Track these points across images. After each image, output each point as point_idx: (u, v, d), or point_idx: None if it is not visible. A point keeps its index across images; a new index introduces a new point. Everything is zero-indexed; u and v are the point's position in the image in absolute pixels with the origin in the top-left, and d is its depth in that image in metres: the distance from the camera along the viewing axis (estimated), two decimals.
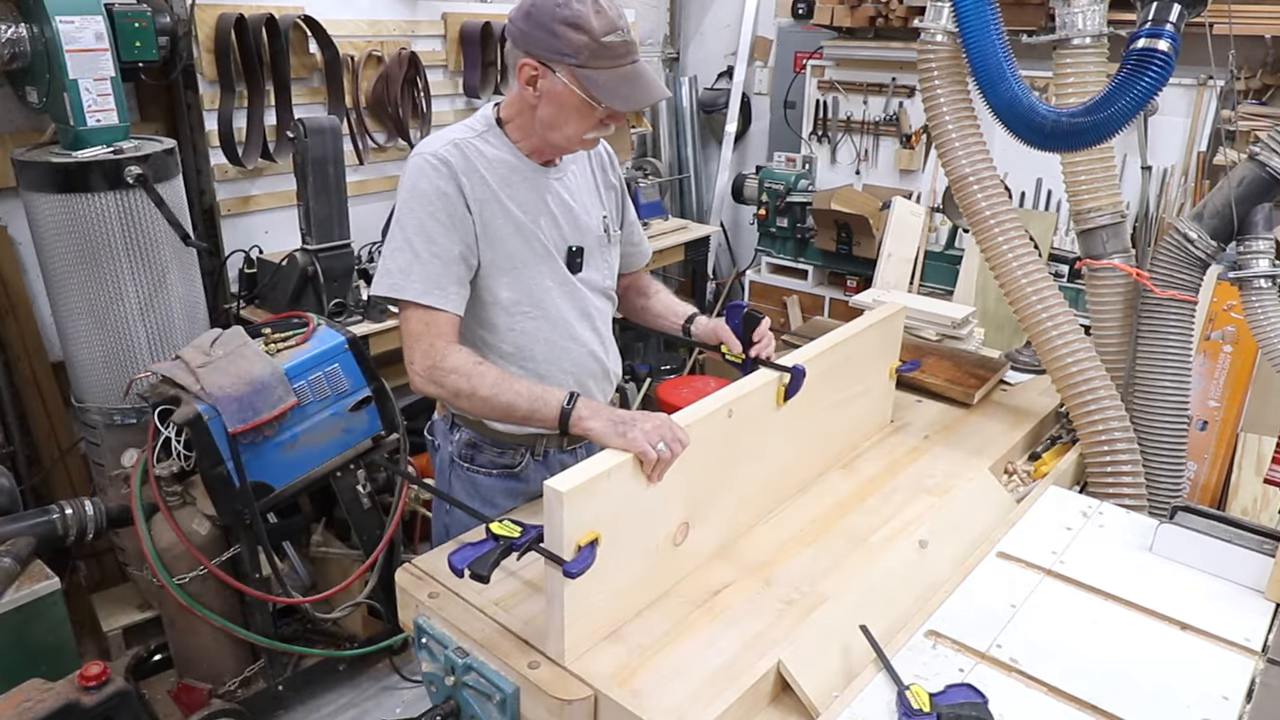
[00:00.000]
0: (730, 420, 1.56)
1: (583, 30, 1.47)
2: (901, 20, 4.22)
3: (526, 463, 1.80)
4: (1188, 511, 1.61)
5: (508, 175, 1.64)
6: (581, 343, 1.76)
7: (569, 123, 1.57)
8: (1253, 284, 1.89)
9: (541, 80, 1.53)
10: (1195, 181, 3.72)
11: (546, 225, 1.68)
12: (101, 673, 1.80)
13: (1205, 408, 3.28)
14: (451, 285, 1.58)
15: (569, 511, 1.25)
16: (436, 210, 1.57)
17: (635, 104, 1.57)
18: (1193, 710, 1.25)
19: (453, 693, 1.41)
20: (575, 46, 1.48)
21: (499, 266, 1.64)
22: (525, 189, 1.66)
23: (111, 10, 2.60)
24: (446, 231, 1.57)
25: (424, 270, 1.56)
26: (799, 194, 4.47)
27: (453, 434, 1.81)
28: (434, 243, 1.56)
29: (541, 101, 1.55)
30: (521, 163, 1.66)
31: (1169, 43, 1.73)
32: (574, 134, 1.59)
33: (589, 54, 1.48)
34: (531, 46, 1.51)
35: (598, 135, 1.62)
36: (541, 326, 1.70)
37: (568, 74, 1.51)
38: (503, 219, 1.63)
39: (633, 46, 1.53)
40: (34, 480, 2.98)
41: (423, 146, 1.62)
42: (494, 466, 1.80)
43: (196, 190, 3.11)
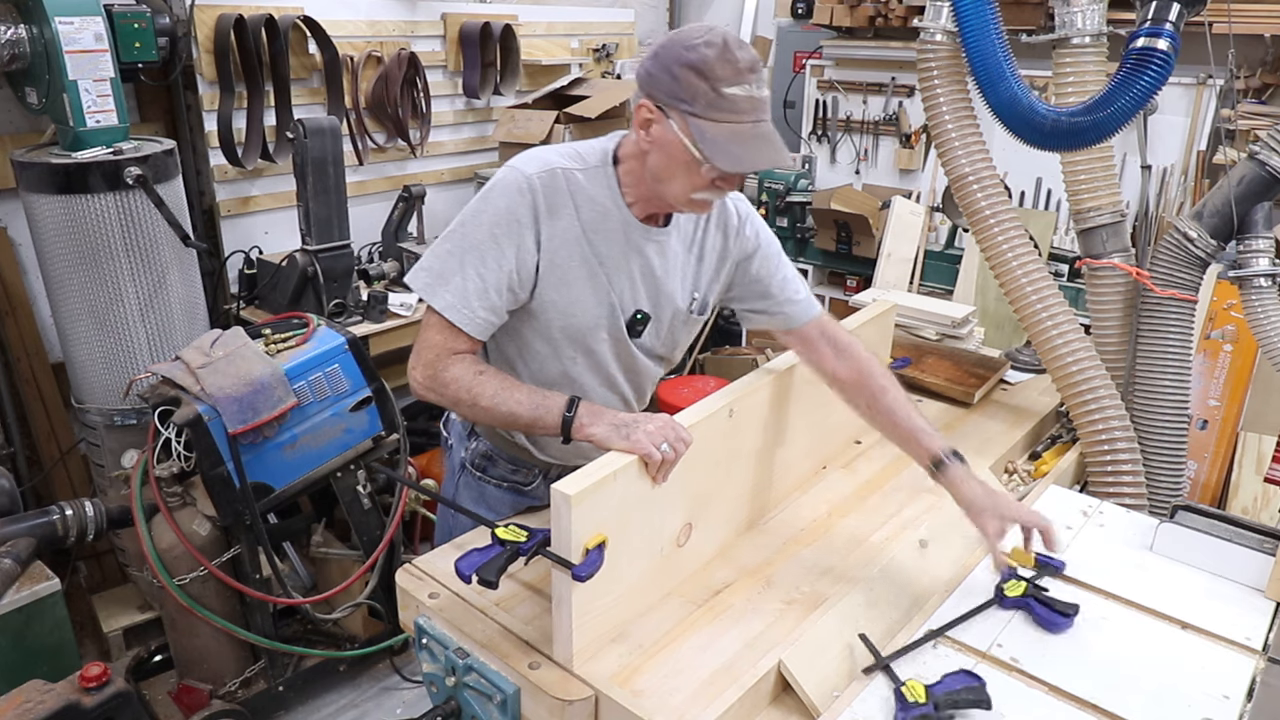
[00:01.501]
0: (731, 420, 1.56)
1: (705, 77, 1.34)
2: (901, 20, 4.22)
3: (539, 484, 1.76)
4: (1188, 510, 1.61)
5: (600, 220, 1.52)
6: (618, 392, 1.68)
7: (676, 177, 1.43)
8: (1253, 283, 1.89)
9: (655, 125, 1.41)
10: (1195, 180, 3.71)
11: (621, 284, 1.56)
12: (102, 674, 1.80)
13: (1205, 407, 3.28)
14: (481, 310, 1.48)
15: (577, 514, 1.25)
16: (500, 233, 1.47)
17: (744, 166, 1.40)
18: (1193, 709, 1.25)
19: (453, 693, 1.41)
20: (693, 93, 1.35)
21: (558, 307, 1.54)
22: (613, 241, 1.53)
23: (111, 11, 2.60)
24: (500, 256, 1.47)
25: (462, 284, 1.47)
26: (799, 194, 4.47)
27: (469, 440, 1.77)
28: (483, 263, 1.47)
29: (653, 149, 1.43)
30: (620, 211, 1.53)
31: (1168, 42, 1.73)
32: (680, 191, 1.45)
33: (705, 103, 1.35)
34: (652, 88, 1.40)
35: (707, 197, 1.46)
36: (582, 372, 1.62)
37: (681, 122, 1.37)
38: (578, 262, 1.52)
39: (760, 104, 1.38)
40: (34, 481, 2.98)
41: (520, 161, 1.51)
42: (505, 480, 1.76)
43: (196, 191, 3.11)
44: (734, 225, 1.66)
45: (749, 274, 1.69)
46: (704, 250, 1.64)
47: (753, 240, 1.67)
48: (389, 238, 3.52)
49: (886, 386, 1.64)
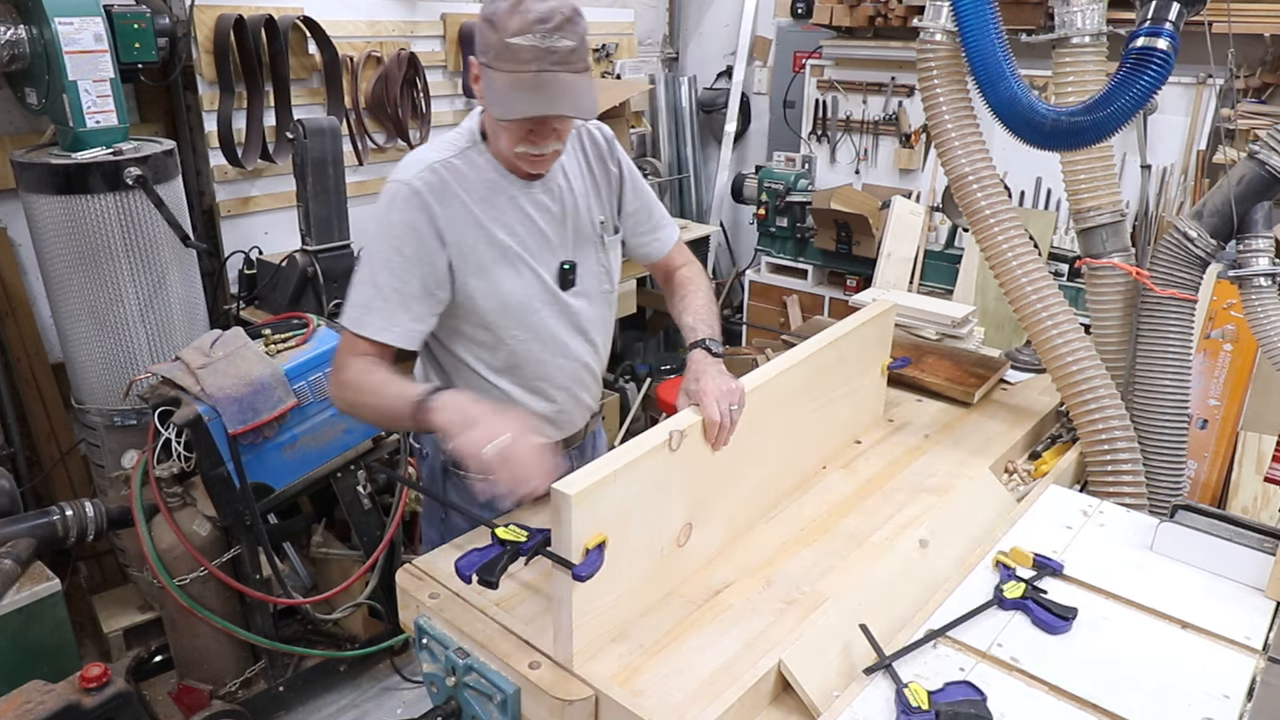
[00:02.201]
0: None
1: (495, 28, 1.37)
2: (900, 19, 4.22)
3: None
4: (1188, 510, 1.61)
5: (490, 196, 1.56)
6: (574, 357, 1.72)
7: (498, 132, 1.49)
8: (1252, 282, 1.89)
9: (482, 78, 1.45)
10: (1195, 180, 3.72)
11: (534, 245, 1.61)
12: (102, 674, 1.80)
13: (1205, 406, 3.28)
14: (406, 320, 1.54)
15: (577, 514, 1.25)
16: (403, 244, 1.51)
17: (515, 112, 1.41)
18: (1193, 709, 1.25)
19: (454, 693, 1.41)
20: (486, 44, 1.40)
21: (484, 292, 1.58)
22: (509, 208, 1.58)
23: (110, 11, 2.60)
24: (410, 266, 1.52)
25: (384, 305, 1.52)
26: (798, 193, 4.47)
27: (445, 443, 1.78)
28: (395, 277, 1.52)
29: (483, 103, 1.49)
30: (504, 178, 1.57)
31: (1168, 41, 1.73)
32: (506, 147, 1.50)
33: (494, 54, 1.39)
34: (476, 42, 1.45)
35: (526, 151, 1.49)
36: (532, 348, 1.66)
37: (483, 74, 1.44)
38: (485, 245, 1.57)
39: (547, 54, 1.37)
40: (34, 482, 2.98)
41: (399, 171, 1.55)
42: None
43: (196, 191, 3.12)
44: (604, 149, 1.73)
45: (628, 193, 1.77)
46: (595, 178, 1.72)
47: (620, 161, 1.76)
48: None
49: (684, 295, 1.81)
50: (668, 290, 1.89)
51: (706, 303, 1.79)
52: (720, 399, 1.49)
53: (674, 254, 1.89)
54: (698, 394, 1.51)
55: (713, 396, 1.49)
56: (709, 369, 1.57)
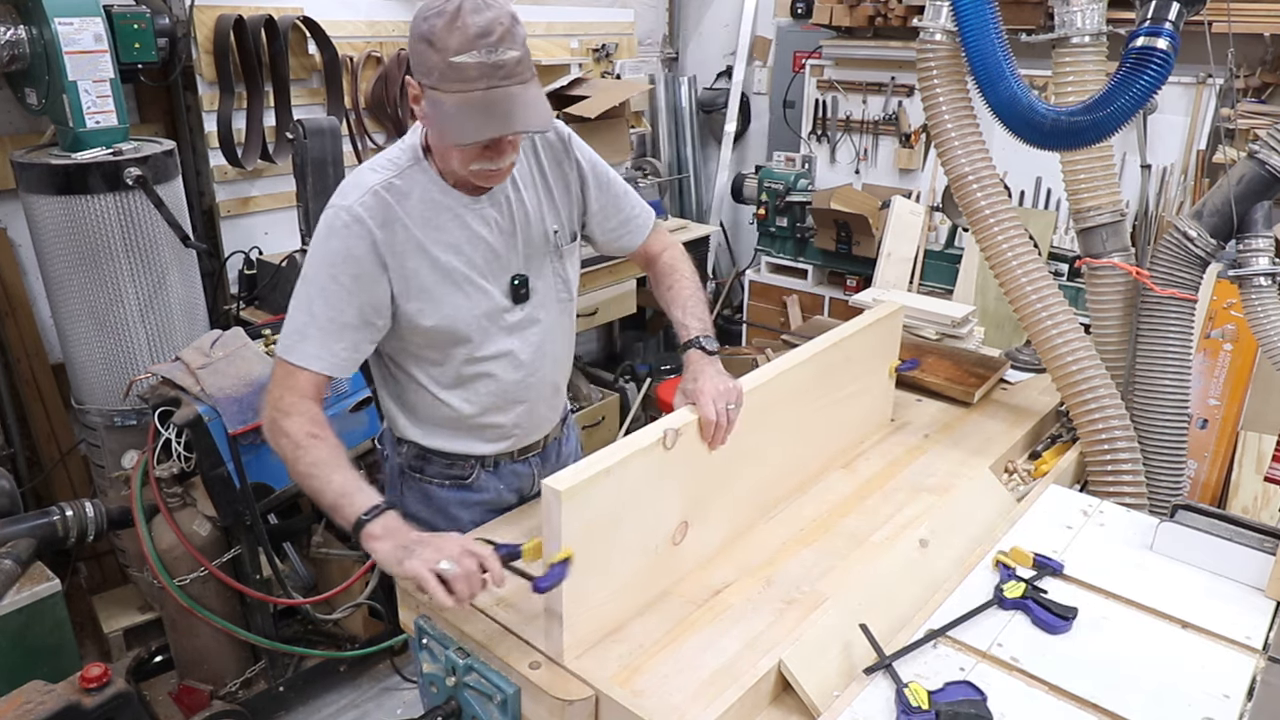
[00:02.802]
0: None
1: (434, 47, 1.31)
2: (900, 19, 4.22)
3: (477, 473, 1.73)
4: (1188, 510, 1.61)
5: (433, 216, 1.50)
6: (529, 370, 1.67)
7: (448, 152, 1.43)
8: (1252, 282, 1.89)
9: (419, 102, 1.40)
10: (1195, 180, 3.72)
11: (482, 263, 1.55)
12: (102, 674, 1.80)
13: (1205, 406, 3.28)
14: (341, 349, 1.49)
15: (567, 510, 1.25)
16: (339, 272, 1.46)
17: (472, 136, 1.35)
18: (1194, 708, 1.25)
19: (454, 693, 1.41)
20: (427, 66, 1.33)
21: (429, 315, 1.53)
22: (455, 227, 1.52)
23: (110, 12, 2.60)
24: (347, 295, 1.46)
25: (319, 334, 1.47)
26: (798, 193, 4.47)
27: (400, 446, 1.73)
28: (331, 305, 1.46)
29: (426, 125, 1.45)
30: (447, 196, 1.51)
31: (1168, 41, 1.73)
32: (458, 166, 1.44)
33: (439, 75, 1.32)
34: (411, 64, 1.39)
35: (483, 168, 1.44)
36: (484, 366, 1.62)
37: (427, 97, 1.37)
38: (429, 269, 1.51)
39: (493, 70, 1.31)
40: (34, 482, 2.98)
41: (340, 195, 1.48)
42: (445, 477, 1.72)
43: (196, 191, 3.11)
44: (560, 150, 1.66)
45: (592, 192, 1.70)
46: (549, 185, 1.64)
47: (580, 158, 1.68)
48: None
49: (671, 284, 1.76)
50: (652, 276, 1.84)
51: (694, 292, 1.75)
52: (717, 398, 1.49)
53: (652, 240, 1.83)
54: (695, 393, 1.51)
55: (710, 396, 1.49)
56: (706, 368, 1.57)
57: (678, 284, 1.77)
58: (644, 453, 1.38)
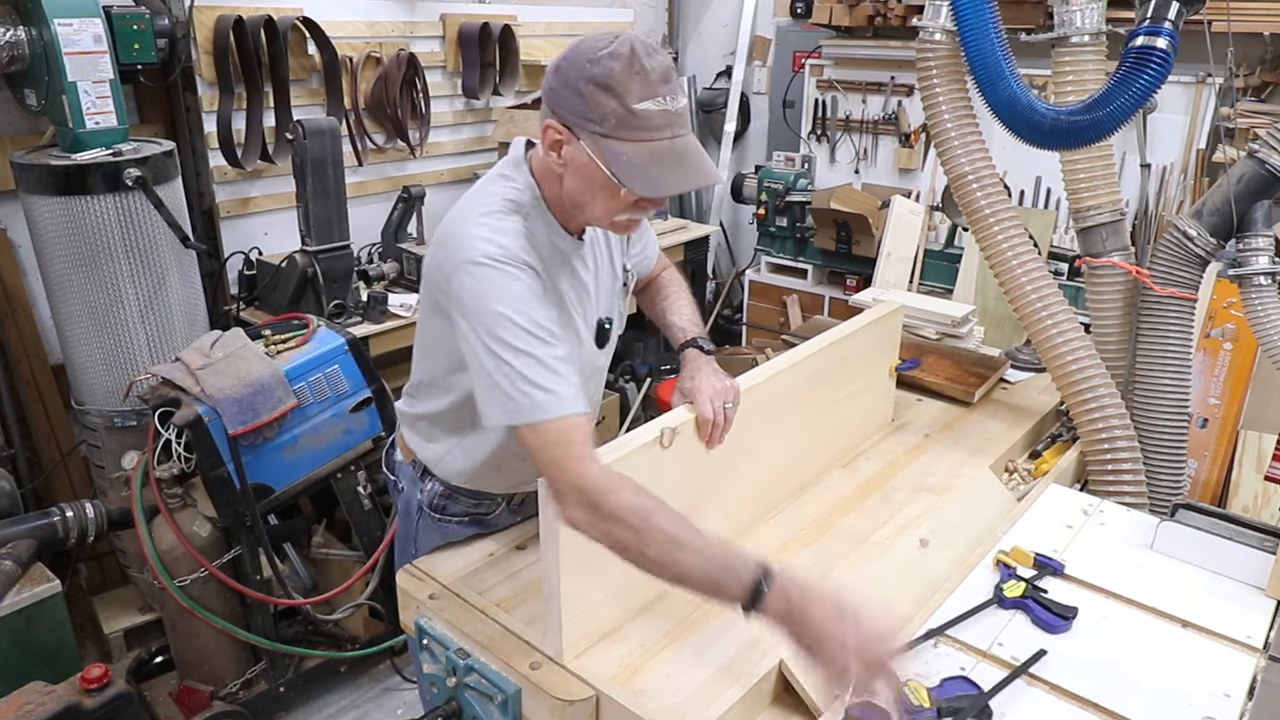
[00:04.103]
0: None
1: (612, 93, 1.23)
2: (900, 19, 4.22)
3: (500, 510, 1.71)
4: (1188, 509, 1.61)
5: (552, 256, 1.43)
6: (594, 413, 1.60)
7: (596, 200, 1.33)
8: (1252, 281, 1.89)
9: (566, 147, 1.30)
10: (1194, 179, 3.71)
11: (582, 305, 1.50)
12: (103, 675, 1.80)
13: (1205, 405, 3.28)
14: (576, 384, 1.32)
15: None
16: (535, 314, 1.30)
17: (664, 190, 1.28)
18: (1194, 708, 1.25)
19: (454, 694, 1.41)
20: (601, 112, 1.24)
21: None
22: (566, 271, 1.46)
23: (110, 12, 2.60)
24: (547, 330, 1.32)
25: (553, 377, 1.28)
26: (798, 193, 4.47)
27: (424, 482, 1.67)
28: (547, 345, 1.30)
29: (566, 172, 1.33)
30: (563, 241, 1.44)
31: (1168, 40, 1.73)
32: (602, 214, 1.36)
33: (616, 122, 1.24)
34: (557, 107, 1.28)
35: (632, 218, 1.37)
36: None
37: (592, 144, 1.27)
38: (557, 312, 1.42)
39: (676, 118, 1.26)
40: (35, 483, 2.98)
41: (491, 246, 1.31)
42: (466, 515, 1.69)
43: (196, 192, 3.11)
44: None
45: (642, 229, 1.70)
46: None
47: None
48: (389, 238, 3.52)
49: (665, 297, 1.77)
50: (648, 293, 1.83)
51: (689, 302, 1.77)
52: (714, 397, 1.49)
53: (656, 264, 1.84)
54: (692, 392, 1.51)
55: (706, 394, 1.49)
56: (703, 367, 1.57)
57: (674, 294, 1.78)
58: (641, 452, 1.38)
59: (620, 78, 1.22)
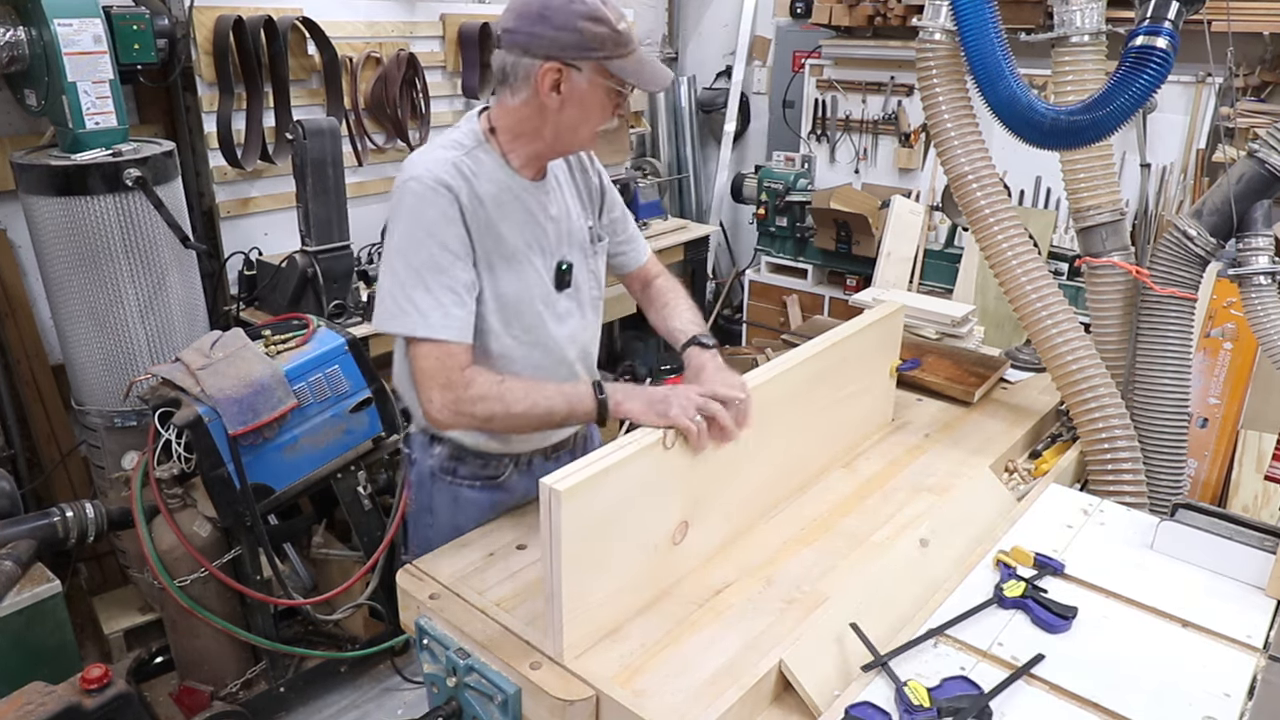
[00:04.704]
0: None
1: (602, 23, 1.46)
2: (900, 19, 4.22)
3: (509, 473, 1.77)
4: (1188, 509, 1.61)
5: (500, 196, 1.58)
6: (566, 360, 1.71)
7: (589, 121, 1.54)
8: (1252, 281, 1.89)
9: (565, 83, 1.49)
10: (1194, 179, 3.72)
11: (537, 246, 1.63)
12: (103, 675, 1.80)
13: (1206, 405, 3.28)
14: (464, 315, 1.52)
15: (568, 510, 1.25)
16: (446, 239, 1.50)
17: (659, 85, 1.55)
18: (1194, 707, 1.25)
19: (454, 694, 1.41)
20: (600, 39, 1.46)
21: (493, 294, 1.59)
22: (517, 209, 1.60)
23: (110, 13, 2.60)
24: (456, 261, 1.51)
25: (437, 302, 1.48)
26: (798, 193, 4.47)
27: (432, 447, 1.75)
28: (445, 273, 1.49)
29: (565, 104, 1.50)
30: (514, 181, 1.60)
31: (1167, 40, 1.73)
32: (590, 132, 1.57)
33: (612, 44, 1.47)
34: (552, 50, 1.46)
35: (608, 128, 1.60)
36: (537, 354, 1.66)
37: (594, 69, 1.48)
38: (494, 244, 1.57)
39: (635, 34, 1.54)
40: (35, 483, 2.98)
41: (417, 169, 1.52)
42: (477, 478, 1.75)
43: (196, 192, 3.11)
44: (584, 158, 1.78)
45: (608, 202, 1.82)
46: (578, 187, 1.75)
47: (598, 171, 1.81)
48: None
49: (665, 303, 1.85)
50: (645, 300, 1.90)
51: (689, 305, 1.84)
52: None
53: (649, 264, 1.91)
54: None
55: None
56: (708, 363, 1.60)
57: (674, 301, 1.85)
58: (644, 452, 1.37)
59: (602, 11, 1.46)
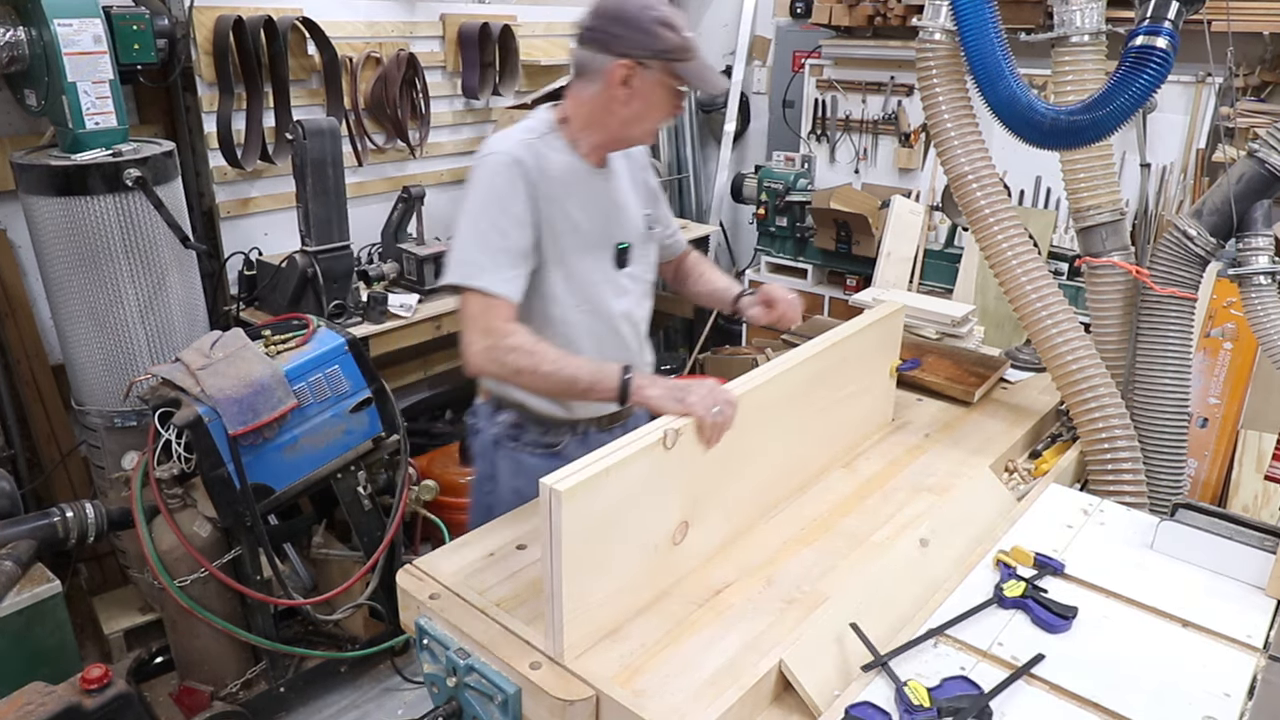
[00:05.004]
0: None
1: (672, 29, 1.64)
2: (900, 19, 4.21)
3: (568, 440, 1.88)
4: (1188, 509, 1.61)
5: (568, 177, 1.75)
6: (622, 339, 1.87)
7: (651, 116, 1.72)
8: (1252, 281, 1.89)
9: (635, 79, 1.66)
10: (1194, 179, 3.71)
11: (600, 224, 1.80)
12: (103, 675, 1.80)
13: (1205, 405, 3.28)
14: (517, 277, 1.68)
15: (568, 511, 1.25)
16: (510, 206, 1.67)
17: (718, 88, 1.79)
18: (1194, 707, 1.25)
19: (454, 693, 1.41)
20: (669, 43, 1.64)
21: (557, 262, 1.75)
22: (583, 190, 1.77)
23: (109, 13, 2.60)
24: (517, 227, 1.67)
25: (493, 261, 1.65)
26: (798, 193, 4.47)
27: (497, 415, 1.90)
28: (506, 236, 1.66)
29: (633, 98, 1.68)
30: (580, 165, 1.77)
31: (1167, 40, 1.73)
32: (652, 126, 1.76)
33: (679, 49, 1.65)
34: (628, 48, 1.64)
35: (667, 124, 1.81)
36: (591, 322, 1.81)
37: (662, 69, 1.66)
38: (562, 218, 1.73)
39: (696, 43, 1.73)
40: (35, 483, 2.98)
41: (496, 144, 1.71)
42: (538, 445, 1.88)
43: (196, 192, 3.11)
44: (642, 160, 1.97)
45: (658, 196, 2.01)
46: (634, 178, 1.92)
47: (653, 175, 2.01)
48: (388, 239, 3.52)
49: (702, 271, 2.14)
50: (681, 274, 2.15)
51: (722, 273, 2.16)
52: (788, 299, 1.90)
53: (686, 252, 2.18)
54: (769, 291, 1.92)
55: (781, 292, 1.91)
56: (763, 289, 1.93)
57: (707, 270, 2.15)
58: (644, 453, 1.38)
59: (672, 18, 1.65)
